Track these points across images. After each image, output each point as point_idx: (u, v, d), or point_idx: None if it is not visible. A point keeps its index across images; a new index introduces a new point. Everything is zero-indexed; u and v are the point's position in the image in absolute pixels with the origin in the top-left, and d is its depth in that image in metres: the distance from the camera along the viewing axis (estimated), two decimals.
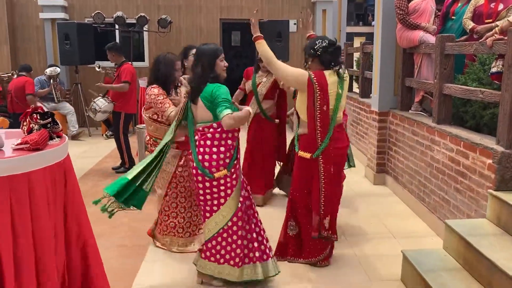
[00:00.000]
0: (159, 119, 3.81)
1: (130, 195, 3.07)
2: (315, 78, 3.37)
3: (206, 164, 3.10)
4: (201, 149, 3.12)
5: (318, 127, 3.39)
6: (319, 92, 3.35)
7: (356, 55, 8.06)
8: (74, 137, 8.68)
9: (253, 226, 3.30)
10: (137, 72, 6.77)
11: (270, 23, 9.24)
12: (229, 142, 3.15)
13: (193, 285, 3.39)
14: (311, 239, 3.57)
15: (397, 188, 5.35)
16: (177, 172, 3.81)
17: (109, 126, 8.07)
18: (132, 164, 6.39)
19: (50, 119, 2.58)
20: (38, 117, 2.57)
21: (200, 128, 3.17)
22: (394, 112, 5.49)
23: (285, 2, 10.29)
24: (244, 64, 5.25)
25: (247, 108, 3.17)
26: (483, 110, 4.05)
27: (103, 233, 4.32)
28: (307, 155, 3.48)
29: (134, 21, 9.40)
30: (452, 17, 5.09)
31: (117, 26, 9.42)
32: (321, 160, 3.43)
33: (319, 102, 3.36)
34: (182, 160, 3.80)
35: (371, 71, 6.25)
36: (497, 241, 3.08)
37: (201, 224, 3.80)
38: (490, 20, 4.52)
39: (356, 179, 5.91)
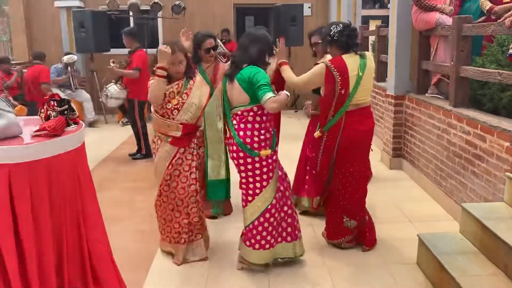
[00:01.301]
0: (156, 110, 3.49)
1: None
2: (333, 66, 3.36)
3: (248, 140, 3.14)
4: (241, 133, 3.16)
5: (333, 107, 3.41)
6: (339, 78, 3.34)
7: (372, 39, 7.96)
8: (91, 124, 8.79)
9: (285, 208, 3.38)
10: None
11: (284, 7, 9.15)
12: (268, 124, 3.23)
13: (208, 272, 3.43)
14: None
15: (413, 172, 5.32)
16: (166, 170, 3.47)
17: (125, 113, 8.14)
18: (148, 150, 6.44)
19: (67, 106, 2.62)
20: (55, 104, 2.61)
21: (239, 112, 3.19)
22: (410, 96, 5.44)
23: None
24: None
25: (285, 92, 3.16)
26: (501, 93, 3.99)
27: (122, 217, 4.40)
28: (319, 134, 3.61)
29: (148, 8, 9.40)
30: None
31: (131, 13, 9.45)
32: (325, 137, 3.53)
33: (339, 86, 3.35)
34: (176, 158, 3.44)
35: (387, 55, 6.18)
36: None
37: (184, 233, 3.52)
38: (508, 0, 4.43)
39: (372, 163, 5.82)
